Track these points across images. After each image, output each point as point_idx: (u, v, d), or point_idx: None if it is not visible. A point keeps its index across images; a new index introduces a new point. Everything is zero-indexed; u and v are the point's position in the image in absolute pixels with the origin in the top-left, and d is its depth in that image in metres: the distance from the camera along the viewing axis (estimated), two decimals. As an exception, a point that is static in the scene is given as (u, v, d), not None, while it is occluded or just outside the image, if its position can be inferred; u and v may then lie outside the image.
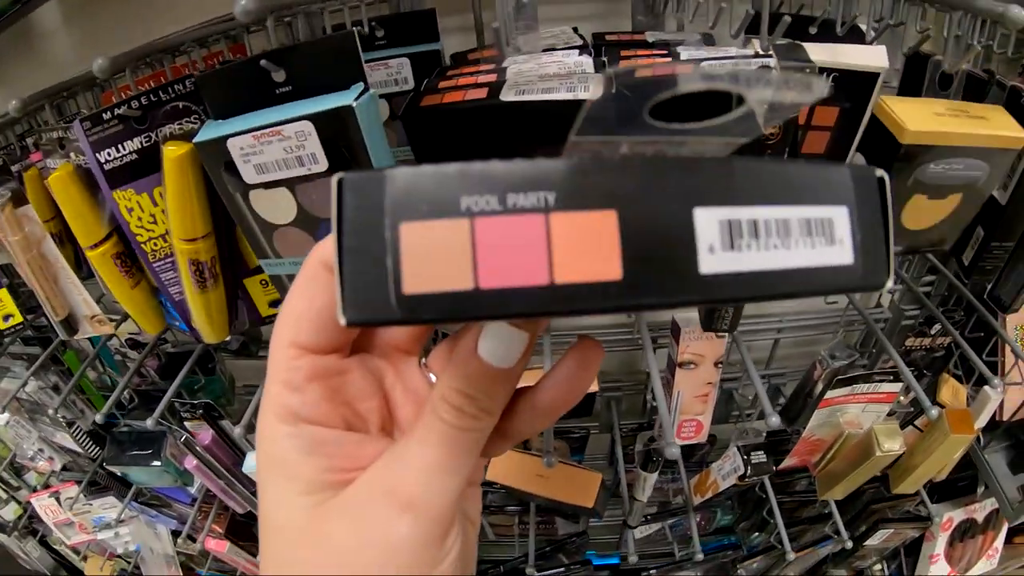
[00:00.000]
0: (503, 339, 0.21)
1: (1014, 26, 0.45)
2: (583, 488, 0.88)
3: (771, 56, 0.44)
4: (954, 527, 1.03)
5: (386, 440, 0.25)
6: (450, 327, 0.37)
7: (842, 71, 0.49)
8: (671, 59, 0.48)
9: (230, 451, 0.89)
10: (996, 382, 0.68)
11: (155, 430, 0.74)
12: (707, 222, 0.16)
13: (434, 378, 0.26)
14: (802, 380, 0.82)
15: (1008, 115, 0.52)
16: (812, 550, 1.04)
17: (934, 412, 0.61)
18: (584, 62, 0.48)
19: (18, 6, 0.71)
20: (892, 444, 0.76)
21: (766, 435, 0.89)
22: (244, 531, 1.03)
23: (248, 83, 0.46)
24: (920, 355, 0.88)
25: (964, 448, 0.81)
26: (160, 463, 0.88)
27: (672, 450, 0.58)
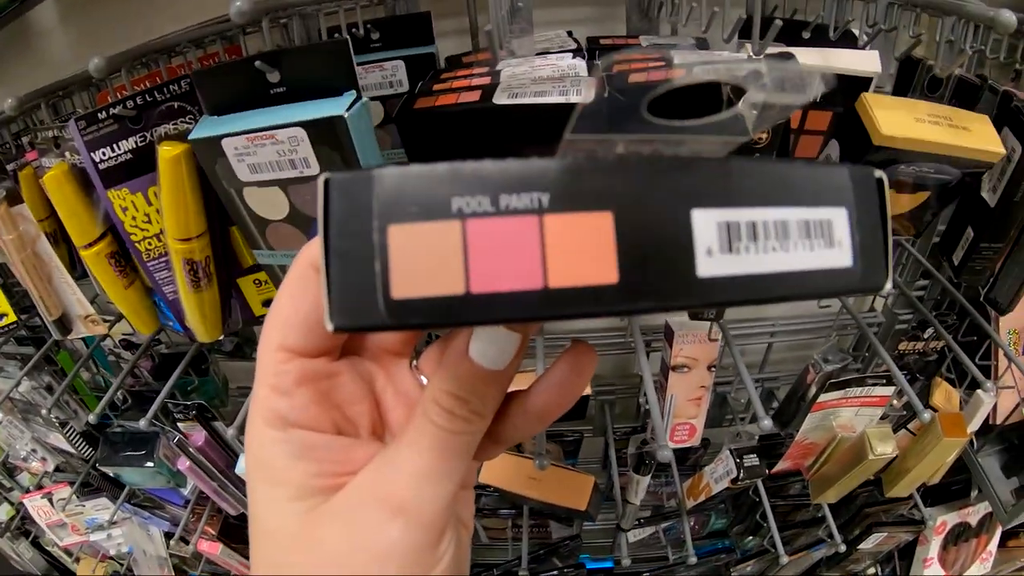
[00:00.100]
0: (495, 341, 0.21)
1: (1004, 30, 0.45)
2: (576, 490, 0.88)
3: (761, 62, 0.44)
4: (948, 531, 1.03)
5: (377, 444, 0.24)
6: (443, 330, 0.37)
7: (835, 75, 0.49)
8: (664, 63, 0.48)
9: (223, 452, 0.89)
10: (989, 386, 0.69)
11: (148, 431, 0.74)
12: (705, 224, 0.16)
13: (425, 380, 0.26)
14: (795, 384, 0.82)
15: (991, 127, 0.52)
16: (806, 554, 1.04)
17: (926, 416, 0.61)
18: (577, 65, 0.48)
19: (15, 4, 0.71)
20: (885, 448, 0.77)
21: (759, 439, 0.89)
22: (237, 533, 1.03)
23: (243, 82, 0.46)
24: (913, 359, 0.88)
25: (957, 452, 0.81)
26: (153, 464, 0.87)
27: (664, 453, 0.58)
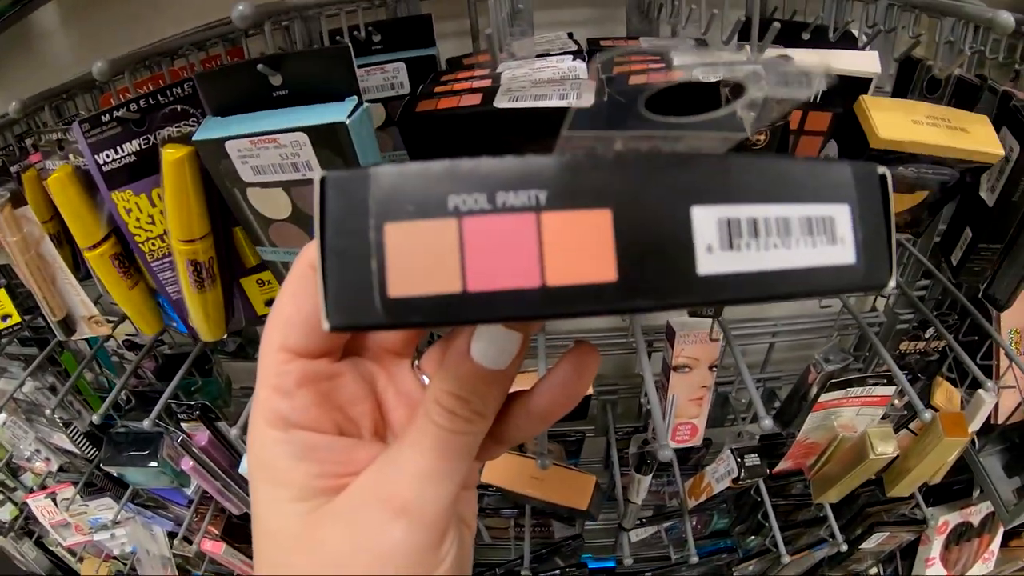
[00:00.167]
0: (495, 340, 0.21)
1: (1003, 31, 0.45)
2: (578, 490, 0.88)
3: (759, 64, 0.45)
4: (950, 530, 1.03)
5: (379, 444, 0.24)
6: (442, 329, 0.37)
7: (835, 76, 0.49)
8: (664, 65, 0.48)
9: (226, 452, 0.89)
10: (990, 385, 0.69)
11: (152, 431, 0.75)
12: (705, 221, 0.16)
13: (427, 380, 0.26)
14: (796, 384, 0.82)
15: (990, 128, 0.52)
16: (807, 553, 1.04)
17: (927, 415, 0.61)
18: (578, 67, 0.49)
19: (17, 7, 0.71)
20: (886, 447, 0.77)
21: (761, 438, 0.89)
22: (240, 533, 1.03)
23: (246, 84, 0.47)
24: (914, 359, 0.88)
25: (958, 451, 0.81)
26: (157, 464, 0.87)
27: (665, 452, 0.58)
